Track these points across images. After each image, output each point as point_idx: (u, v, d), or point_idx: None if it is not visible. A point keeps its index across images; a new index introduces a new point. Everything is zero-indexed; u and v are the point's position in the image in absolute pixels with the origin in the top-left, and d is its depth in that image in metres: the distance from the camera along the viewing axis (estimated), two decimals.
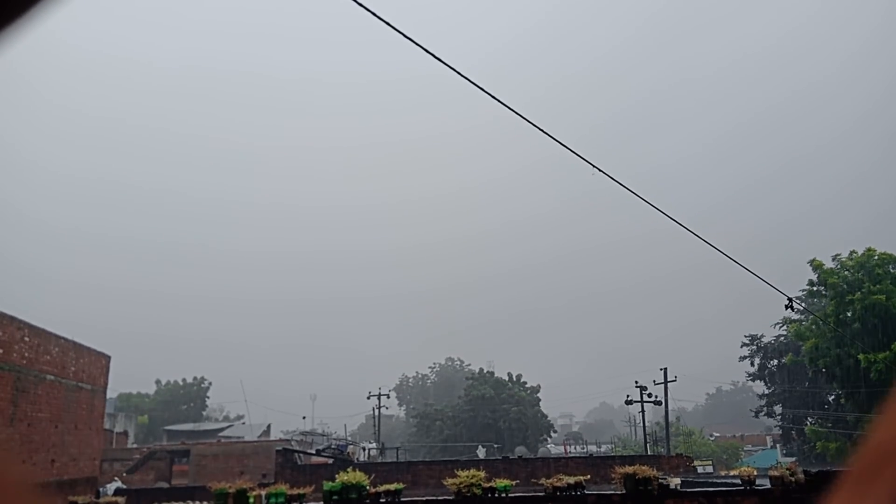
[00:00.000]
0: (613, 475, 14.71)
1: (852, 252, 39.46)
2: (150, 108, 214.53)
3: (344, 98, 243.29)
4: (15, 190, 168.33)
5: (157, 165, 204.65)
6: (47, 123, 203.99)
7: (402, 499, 14.00)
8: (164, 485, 32.05)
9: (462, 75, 7.43)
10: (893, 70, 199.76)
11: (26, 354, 18.43)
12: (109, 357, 24.99)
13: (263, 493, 13.21)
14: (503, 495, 13.62)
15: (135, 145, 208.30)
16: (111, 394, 35.23)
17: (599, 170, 9.43)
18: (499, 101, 7.90)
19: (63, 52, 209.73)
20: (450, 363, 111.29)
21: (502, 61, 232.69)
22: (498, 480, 13.90)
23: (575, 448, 67.76)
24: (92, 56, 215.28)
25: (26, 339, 18.52)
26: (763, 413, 57.96)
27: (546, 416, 68.51)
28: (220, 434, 55.29)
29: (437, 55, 7.13)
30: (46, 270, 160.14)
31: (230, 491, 12.94)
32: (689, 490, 14.95)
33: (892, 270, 37.72)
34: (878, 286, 36.47)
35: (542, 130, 8.50)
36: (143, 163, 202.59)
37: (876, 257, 38.12)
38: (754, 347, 57.08)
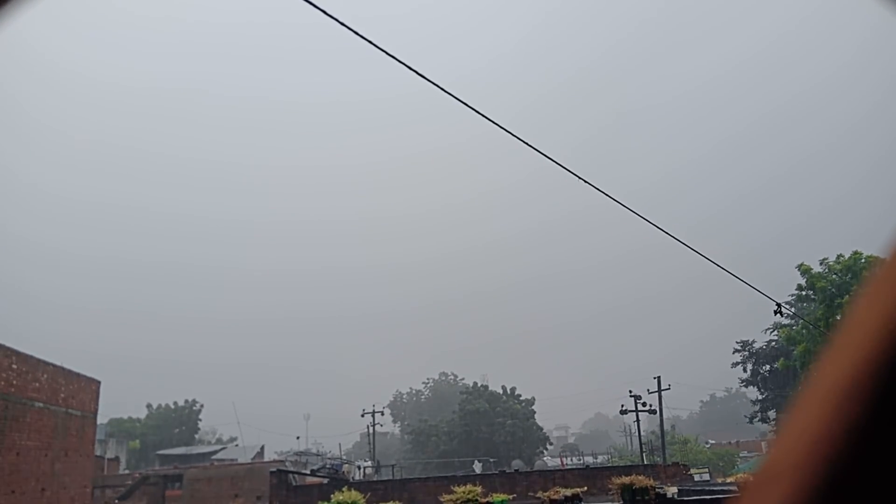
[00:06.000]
0: (610, 486, 14.67)
1: (839, 256, 39.79)
2: (140, 129, 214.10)
3: (328, 117, 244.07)
4: (5, 210, 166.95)
5: (146, 186, 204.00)
6: (40, 146, 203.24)
7: None
8: None
9: (448, 93, 7.48)
10: (885, 79, 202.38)
11: (14, 382, 18.21)
12: (99, 382, 24.74)
13: None
14: None
15: (125, 167, 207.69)
16: (101, 419, 34.80)
17: (588, 183, 9.49)
18: (486, 117, 7.94)
19: (56, 74, 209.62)
20: (443, 378, 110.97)
21: (493, 74, 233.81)
22: (495, 495, 13.83)
23: (571, 460, 67.55)
24: (84, 79, 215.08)
25: (14, 366, 18.31)
26: (757, 419, 58.05)
27: (541, 429, 68.39)
28: (214, 457, 54.76)
29: (422, 73, 7.17)
30: (36, 292, 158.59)
31: None
32: (685, 498, 14.92)
33: None
34: None
35: (530, 146, 8.55)
36: (133, 183, 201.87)
37: (863, 260, 38.43)
38: (746, 353, 57.28)
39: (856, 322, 0.56)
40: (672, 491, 14.70)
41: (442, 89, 7.45)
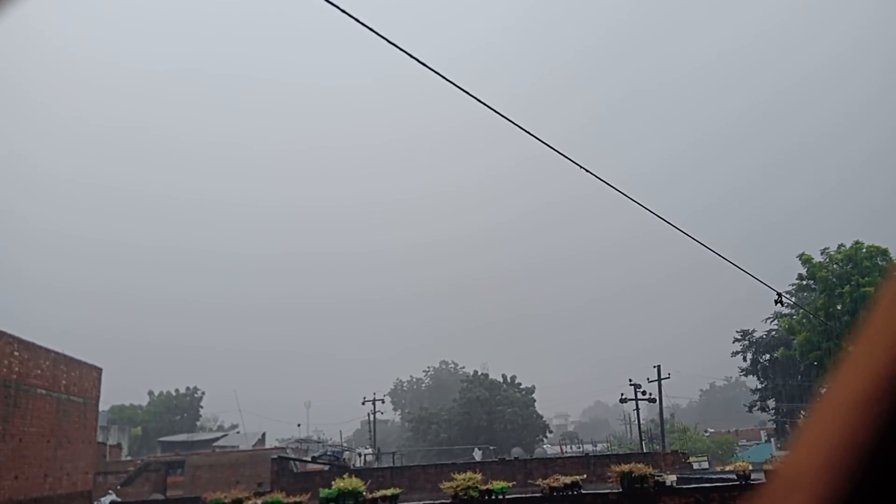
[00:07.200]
0: (610, 474, 14.74)
1: (840, 246, 39.76)
2: (142, 112, 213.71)
3: (325, 99, 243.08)
4: (10, 194, 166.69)
5: (149, 170, 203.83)
6: (45, 129, 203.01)
7: (399, 503, 13.96)
8: (160, 496, 31.85)
9: (447, 79, 7.45)
10: (887, 65, 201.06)
11: (16, 369, 18.27)
12: (101, 369, 24.81)
13: (259, 501, 13.14)
14: (500, 497, 13.60)
15: (128, 150, 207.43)
16: (103, 406, 34.96)
17: (587, 170, 9.47)
18: (485, 104, 7.92)
19: (60, 58, 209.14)
20: (444, 366, 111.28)
21: (485, 59, 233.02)
22: (495, 482, 13.89)
23: (571, 448, 67.92)
24: (88, 63, 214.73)
25: (16, 353, 18.36)
26: (757, 408, 58.25)
27: (541, 417, 68.63)
28: (215, 444, 54.99)
29: (417, 57, 7.14)
30: (39, 276, 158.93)
31: (226, 501, 12.87)
32: (684, 486, 15.00)
33: (880, 263, 38.01)
34: (866, 279, 36.76)
35: (527, 132, 8.52)
36: (137, 167, 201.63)
37: (864, 250, 38.41)
38: (746, 343, 57.38)
39: (877, 326, 0.53)
40: (671, 479, 14.79)
41: (443, 77, 7.43)
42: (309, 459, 33.72)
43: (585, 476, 15.42)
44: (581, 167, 9.33)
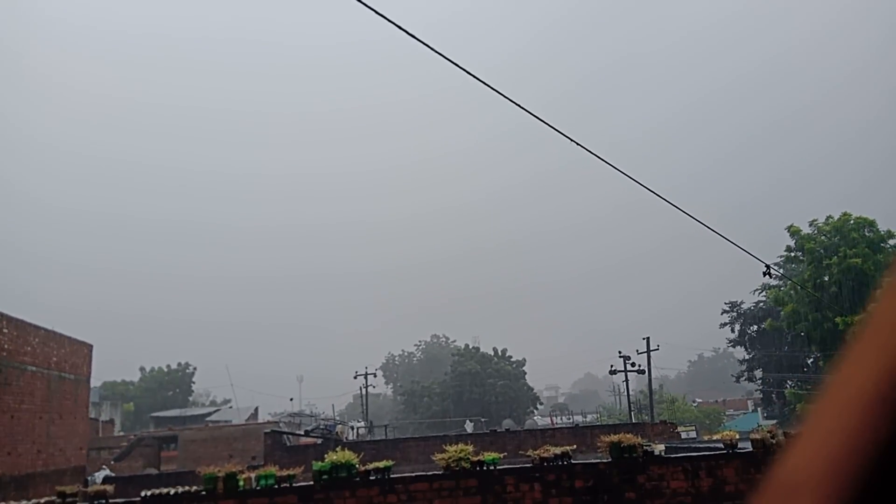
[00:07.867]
0: (599, 444, 14.91)
1: (828, 217, 39.97)
2: (130, 80, 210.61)
3: (303, 60, 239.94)
4: (8, 167, 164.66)
5: (141, 140, 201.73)
6: (44, 99, 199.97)
7: (392, 475, 14.09)
8: (153, 471, 32.03)
9: (430, 46, 7.35)
10: (881, 36, 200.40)
11: (6, 346, 18.21)
12: (91, 346, 24.77)
13: (253, 475, 13.19)
14: (491, 468, 13.75)
15: (121, 120, 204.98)
16: (95, 382, 35.01)
17: (574, 141, 9.42)
18: (466, 70, 7.83)
19: (59, 28, 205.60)
20: (435, 340, 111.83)
21: (468, 24, 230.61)
22: (486, 454, 14.02)
23: (561, 419, 68.67)
24: (88, 32, 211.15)
25: (5, 330, 18.29)
26: (744, 378, 58.96)
27: (532, 389, 69.27)
28: (208, 419, 55.26)
29: (397, 23, 7.04)
30: (31, 249, 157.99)
31: (219, 475, 12.91)
32: (673, 455, 15.20)
33: (867, 234, 38.28)
34: (853, 250, 37.04)
35: (513, 101, 8.45)
36: (132, 137, 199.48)
37: (851, 221, 38.63)
38: (734, 314, 57.86)
39: (881, 322, 0.50)
40: (660, 448, 14.96)
41: (429, 47, 7.33)
42: (302, 433, 33.93)
43: (575, 446, 15.60)
44: (568, 138, 9.28)
